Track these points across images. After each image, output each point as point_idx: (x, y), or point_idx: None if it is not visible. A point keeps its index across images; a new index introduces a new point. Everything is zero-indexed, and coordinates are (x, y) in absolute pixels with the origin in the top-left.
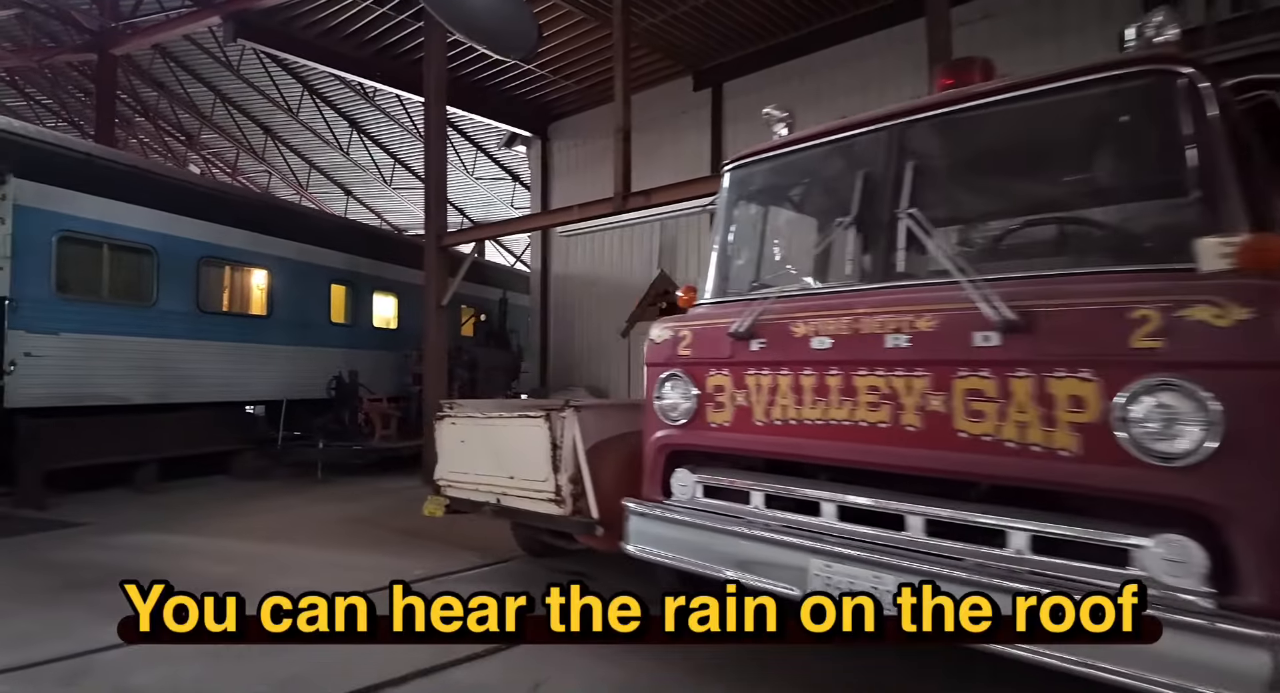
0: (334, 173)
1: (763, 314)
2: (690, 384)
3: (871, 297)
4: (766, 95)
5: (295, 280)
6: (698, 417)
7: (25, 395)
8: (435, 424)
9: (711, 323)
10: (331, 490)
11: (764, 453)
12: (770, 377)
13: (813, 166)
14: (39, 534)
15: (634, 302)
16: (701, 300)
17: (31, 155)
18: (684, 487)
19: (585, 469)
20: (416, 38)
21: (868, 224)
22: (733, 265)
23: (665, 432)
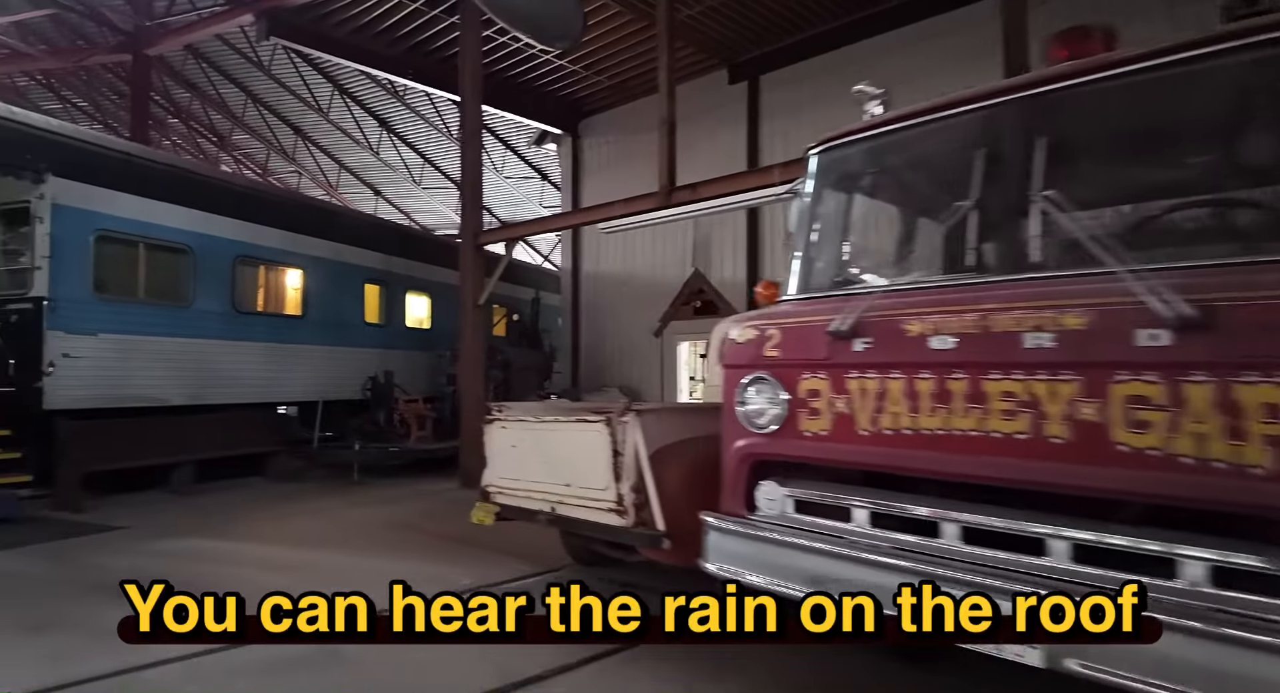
0: (363, 173)
1: (868, 311)
2: (779, 388)
3: (1003, 290)
4: (806, 88)
5: (330, 280)
6: (788, 424)
7: (64, 397)
8: (484, 428)
9: (804, 321)
10: (368, 493)
11: (872, 466)
12: (878, 381)
13: (917, 147)
14: (77, 539)
15: (667, 301)
16: (787, 296)
17: (69, 154)
18: (772, 501)
19: (649, 478)
20: (449, 34)
21: (992, 209)
22: (821, 258)
23: (749, 440)
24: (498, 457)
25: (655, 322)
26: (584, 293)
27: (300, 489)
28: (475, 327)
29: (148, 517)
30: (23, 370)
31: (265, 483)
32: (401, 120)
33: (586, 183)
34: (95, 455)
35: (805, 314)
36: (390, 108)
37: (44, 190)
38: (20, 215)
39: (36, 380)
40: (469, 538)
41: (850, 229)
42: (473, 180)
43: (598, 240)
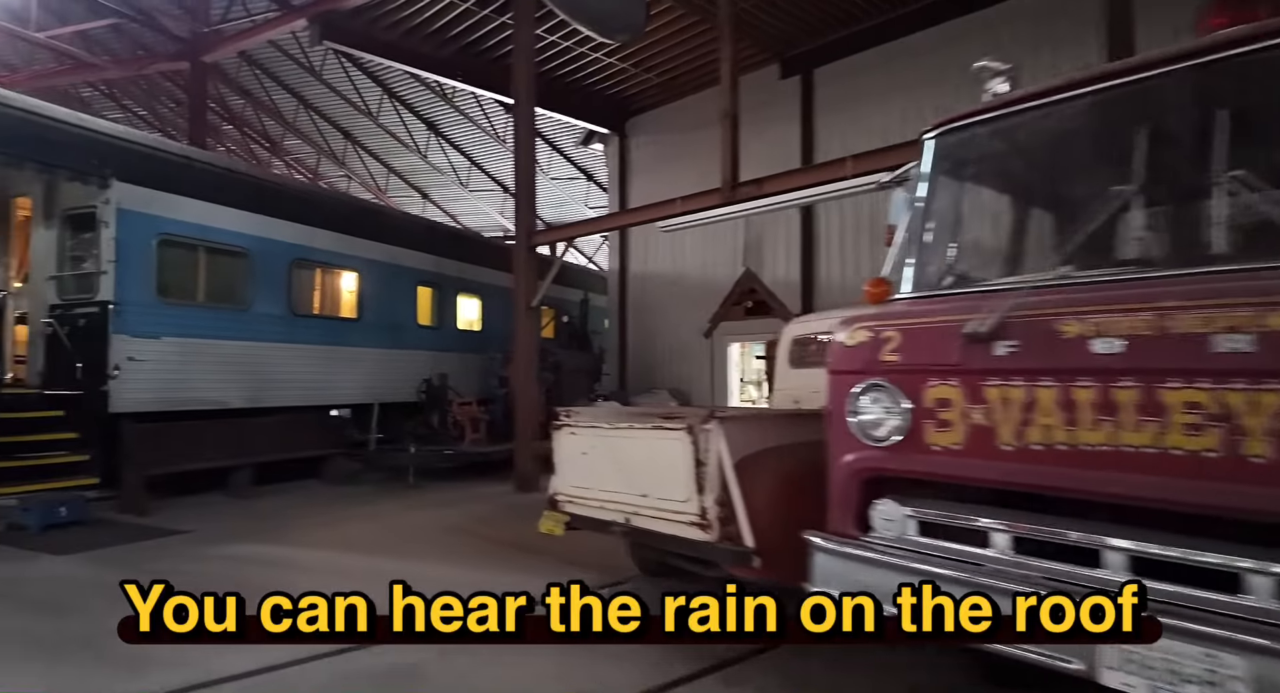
0: (411, 176)
1: (1014, 310)
2: (900, 397)
3: (1185, 285)
4: (863, 81)
5: (383, 282)
6: (912, 437)
7: (128, 400)
8: (552, 434)
9: (930, 322)
10: (424, 497)
11: (1019, 485)
12: (1025, 389)
13: (1057, 126)
14: (144, 543)
15: (717, 301)
16: (902, 294)
17: (133, 159)
18: (890, 521)
19: (735, 490)
20: (498, 34)
21: (1160, 193)
22: (939, 252)
23: (863, 454)
24: (567, 464)
25: (705, 322)
26: (631, 293)
27: (356, 492)
28: (529, 329)
29: (209, 520)
30: (89, 374)
31: (321, 486)
32: (449, 123)
33: (634, 182)
34: (158, 458)
35: (930, 314)
36: (438, 111)
37: (109, 195)
38: (87, 220)
39: (102, 384)
40: (527, 544)
41: (974, 220)
42: (526, 181)
43: (645, 240)
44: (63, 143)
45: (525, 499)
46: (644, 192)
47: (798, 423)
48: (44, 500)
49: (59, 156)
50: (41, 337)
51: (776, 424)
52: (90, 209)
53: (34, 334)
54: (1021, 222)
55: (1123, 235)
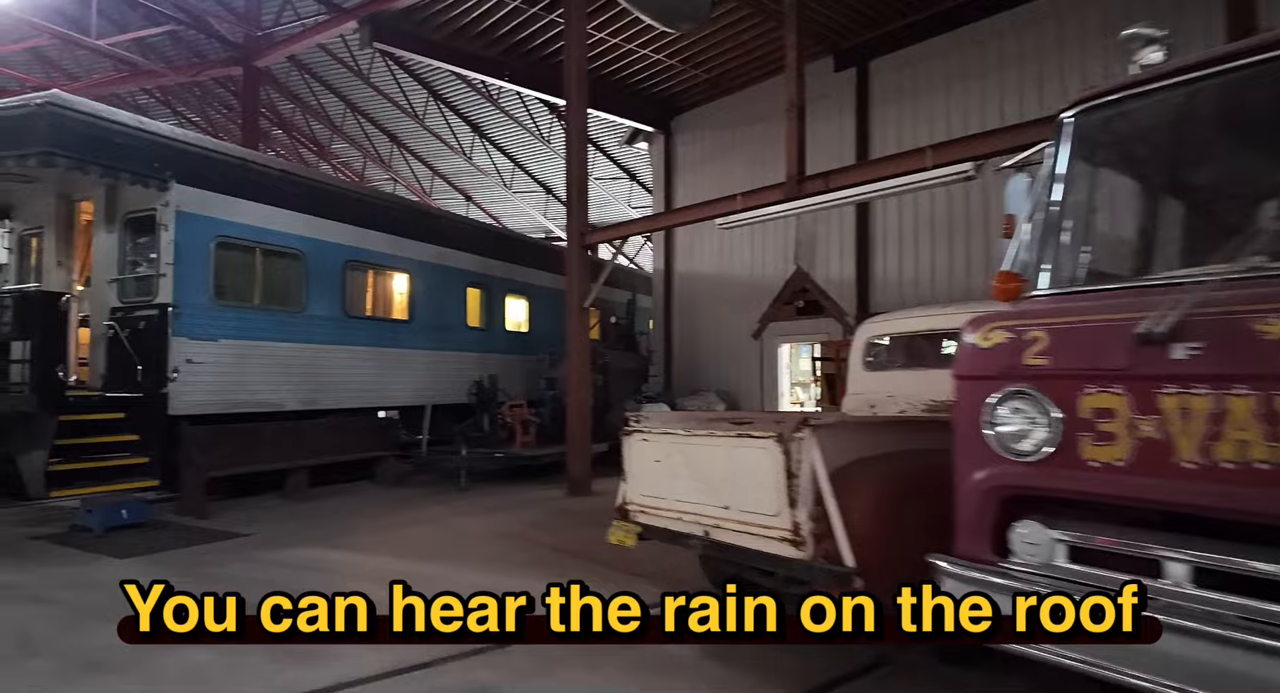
0: (455, 178)
1: (1198, 307)
2: (1049, 405)
3: None
4: (921, 72)
5: (434, 284)
6: (1063, 451)
7: (187, 403)
8: (623, 440)
9: (1088, 320)
10: (475, 500)
11: (1207, 509)
12: (1213, 397)
13: (1230, 97)
14: (203, 546)
15: (767, 301)
16: (1040, 290)
17: (191, 161)
18: (1034, 546)
19: (832, 504)
20: (546, 33)
21: None
22: (1085, 243)
23: (1002, 469)
24: (640, 472)
25: (754, 323)
26: (677, 293)
27: (408, 495)
28: (581, 330)
29: (267, 524)
30: (149, 376)
31: (374, 488)
32: (493, 124)
33: (679, 181)
34: (217, 461)
35: (1087, 312)
36: (483, 112)
37: (168, 197)
38: (147, 223)
39: (162, 386)
40: (584, 552)
41: (1124, 206)
42: (578, 179)
43: (691, 239)
44: (125, 146)
45: (578, 504)
46: (690, 190)
47: (897, 430)
48: (106, 503)
49: (121, 160)
50: (103, 339)
51: (874, 432)
52: (150, 212)
53: (96, 337)
54: (1185, 208)
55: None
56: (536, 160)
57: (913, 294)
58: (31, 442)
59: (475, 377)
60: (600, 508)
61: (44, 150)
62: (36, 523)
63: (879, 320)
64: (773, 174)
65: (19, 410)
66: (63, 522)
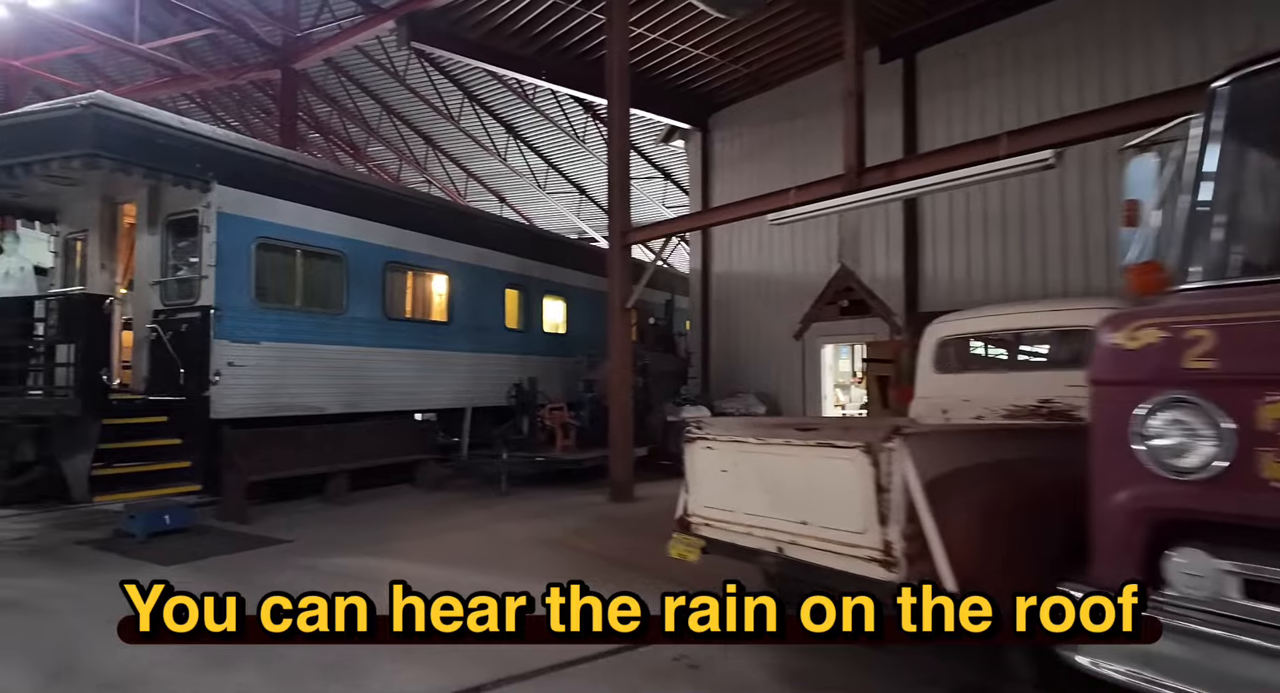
0: (490, 180)
1: None
2: (1219, 415)
3: None
4: (971, 62)
5: (473, 285)
6: (1238, 468)
7: (229, 406)
8: (684, 447)
9: (1270, 315)
10: (516, 505)
11: None
12: None
13: None
14: (246, 553)
15: (809, 300)
16: (1192, 283)
17: (232, 161)
18: (1196, 578)
19: (929, 521)
20: (583, 29)
21: None
22: (1241, 228)
23: (1156, 488)
24: (703, 482)
25: (795, 323)
26: (714, 293)
27: (448, 500)
28: (625, 330)
29: (309, 529)
30: (191, 379)
31: (414, 492)
32: (528, 125)
33: (717, 178)
34: (258, 465)
35: (1264, 307)
36: (517, 112)
37: (210, 198)
38: (189, 225)
39: (204, 389)
40: (632, 561)
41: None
42: (620, 177)
43: (730, 238)
44: (167, 147)
45: (620, 510)
46: (728, 188)
47: (995, 439)
48: (149, 508)
49: (164, 161)
50: (146, 342)
51: (970, 441)
52: (192, 213)
53: (139, 340)
54: None
55: None
56: (570, 161)
57: (965, 293)
58: (75, 446)
59: (513, 379)
60: (643, 515)
61: (88, 152)
62: (81, 527)
63: (951, 319)
64: (815, 169)
65: (63, 414)
66: (107, 526)
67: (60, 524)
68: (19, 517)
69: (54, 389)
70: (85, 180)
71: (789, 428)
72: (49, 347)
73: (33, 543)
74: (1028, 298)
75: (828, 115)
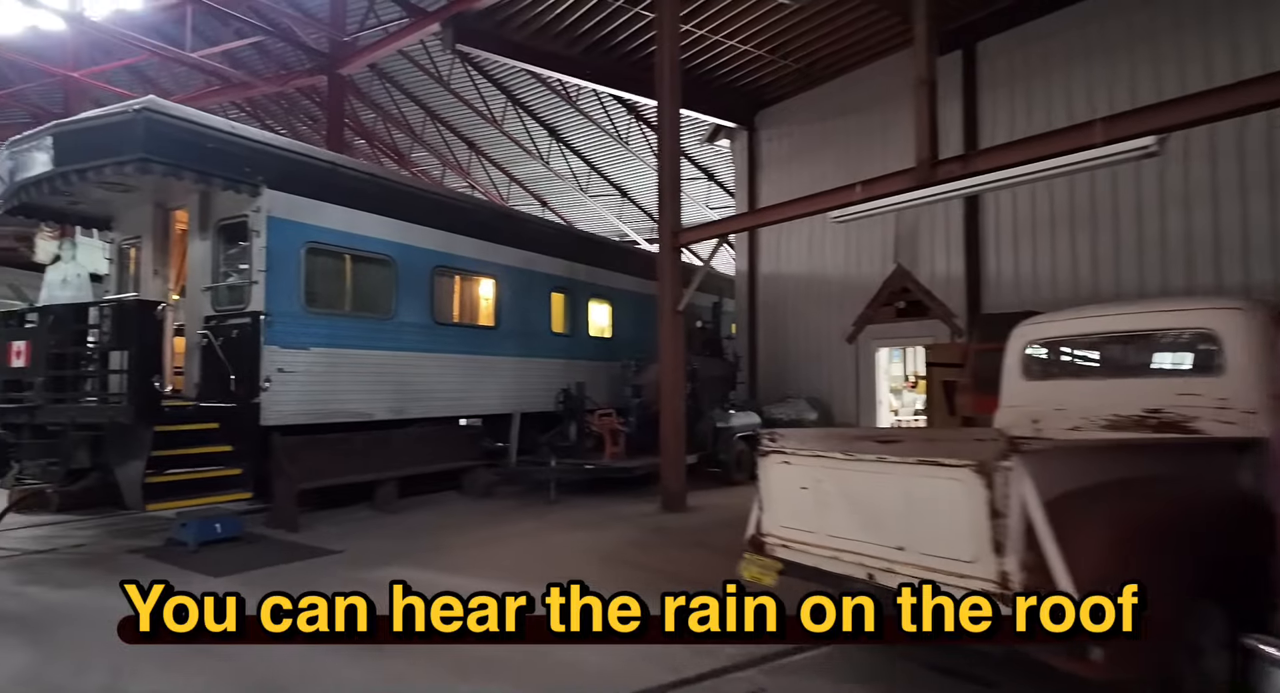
0: (532, 184)
1: None
2: None
3: None
4: (1035, 52)
5: (519, 289)
6: None
7: (279, 413)
8: (758, 461)
9: None
10: (566, 514)
11: None
12: None
13: None
14: (297, 564)
15: (862, 302)
16: None
17: (281, 165)
18: None
19: (1053, 550)
20: (630, 27)
21: None
22: None
23: None
24: (780, 500)
25: (848, 326)
26: (761, 296)
27: (496, 508)
28: (675, 334)
29: (359, 538)
30: (241, 385)
31: (461, 500)
32: (570, 127)
33: (763, 178)
34: (308, 472)
35: None
36: (560, 115)
37: (260, 203)
38: (239, 230)
39: (254, 396)
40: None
41: None
42: (671, 176)
43: (778, 238)
44: (217, 151)
45: (674, 521)
46: (775, 188)
47: (1121, 455)
48: (201, 516)
49: (214, 165)
50: (197, 348)
51: (1094, 457)
52: (242, 218)
53: (190, 346)
54: None
55: None
56: (612, 163)
57: (1032, 294)
58: (129, 453)
59: (560, 384)
60: (700, 526)
61: (140, 157)
62: (135, 535)
63: (1040, 322)
64: (869, 166)
65: (117, 422)
66: (159, 534)
67: (114, 532)
68: (76, 523)
69: (108, 396)
70: (138, 186)
71: (867, 440)
72: (103, 353)
73: (87, 550)
74: (1100, 299)
75: (883, 110)
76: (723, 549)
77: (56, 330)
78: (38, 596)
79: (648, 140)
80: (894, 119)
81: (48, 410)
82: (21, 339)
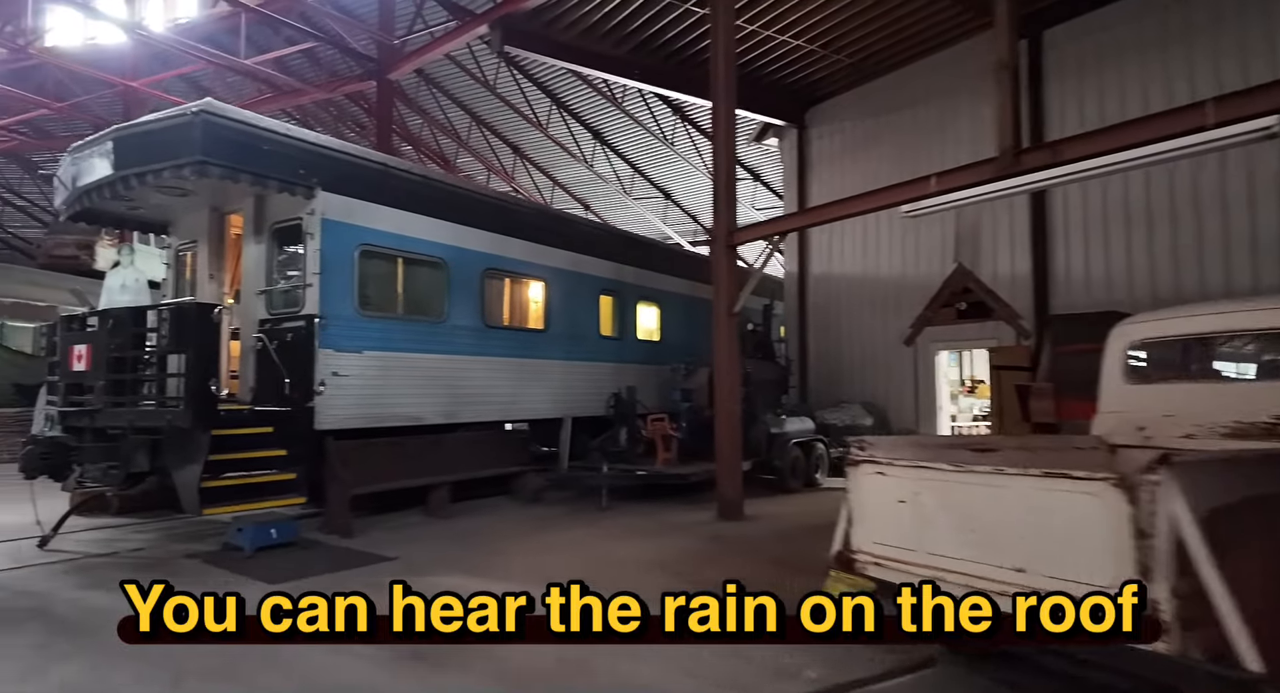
0: (575, 187)
1: None
2: None
3: None
4: (1104, 39)
5: (568, 292)
6: None
7: (333, 417)
8: (848, 471)
9: None
10: (619, 521)
11: None
12: None
13: None
14: (351, 571)
15: (920, 303)
16: None
17: (335, 167)
18: None
19: (1213, 576)
20: (679, 24)
21: None
22: None
23: None
24: (873, 514)
25: (904, 328)
26: (812, 297)
27: (547, 514)
28: (730, 337)
29: (412, 544)
30: (296, 389)
31: (512, 505)
32: (614, 130)
33: (813, 177)
34: (361, 477)
35: None
36: (605, 117)
37: (314, 205)
38: (293, 233)
39: (309, 399)
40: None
41: None
42: (726, 174)
43: (829, 238)
44: (272, 153)
45: (731, 529)
46: (824, 187)
47: (1273, 466)
48: (256, 521)
49: (270, 167)
50: (252, 351)
51: (1249, 470)
52: (296, 221)
53: (245, 349)
54: None
55: None
56: (656, 165)
57: (1105, 293)
58: (186, 457)
59: (609, 388)
60: (760, 536)
61: (199, 159)
62: (192, 539)
63: (1144, 320)
64: (927, 161)
65: (175, 425)
66: (216, 537)
67: (173, 535)
68: (136, 526)
69: (165, 400)
70: (195, 190)
71: (963, 449)
72: (160, 357)
73: (146, 554)
74: (1184, 299)
75: (940, 105)
76: (790, 563)
77: (116, 333)
78: (97, 601)
79: (693, 141)
80: (952, 114)
81: (107, 414)
82: (83, 342)
